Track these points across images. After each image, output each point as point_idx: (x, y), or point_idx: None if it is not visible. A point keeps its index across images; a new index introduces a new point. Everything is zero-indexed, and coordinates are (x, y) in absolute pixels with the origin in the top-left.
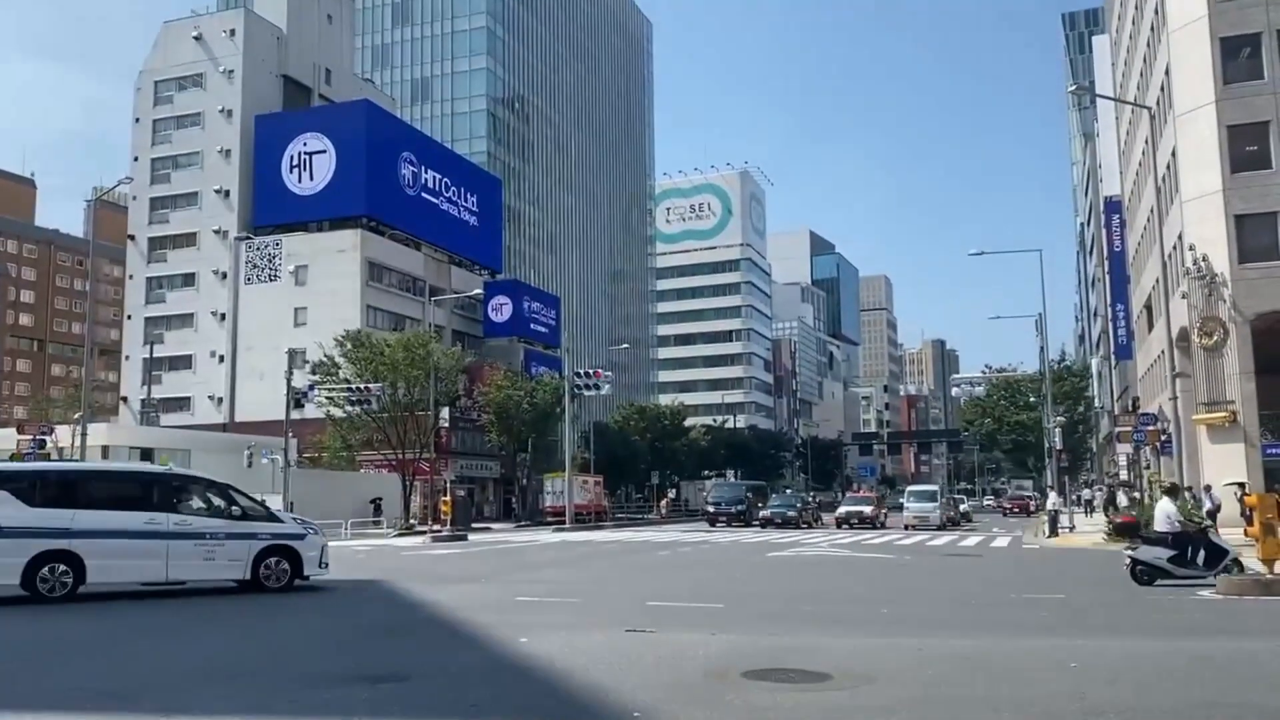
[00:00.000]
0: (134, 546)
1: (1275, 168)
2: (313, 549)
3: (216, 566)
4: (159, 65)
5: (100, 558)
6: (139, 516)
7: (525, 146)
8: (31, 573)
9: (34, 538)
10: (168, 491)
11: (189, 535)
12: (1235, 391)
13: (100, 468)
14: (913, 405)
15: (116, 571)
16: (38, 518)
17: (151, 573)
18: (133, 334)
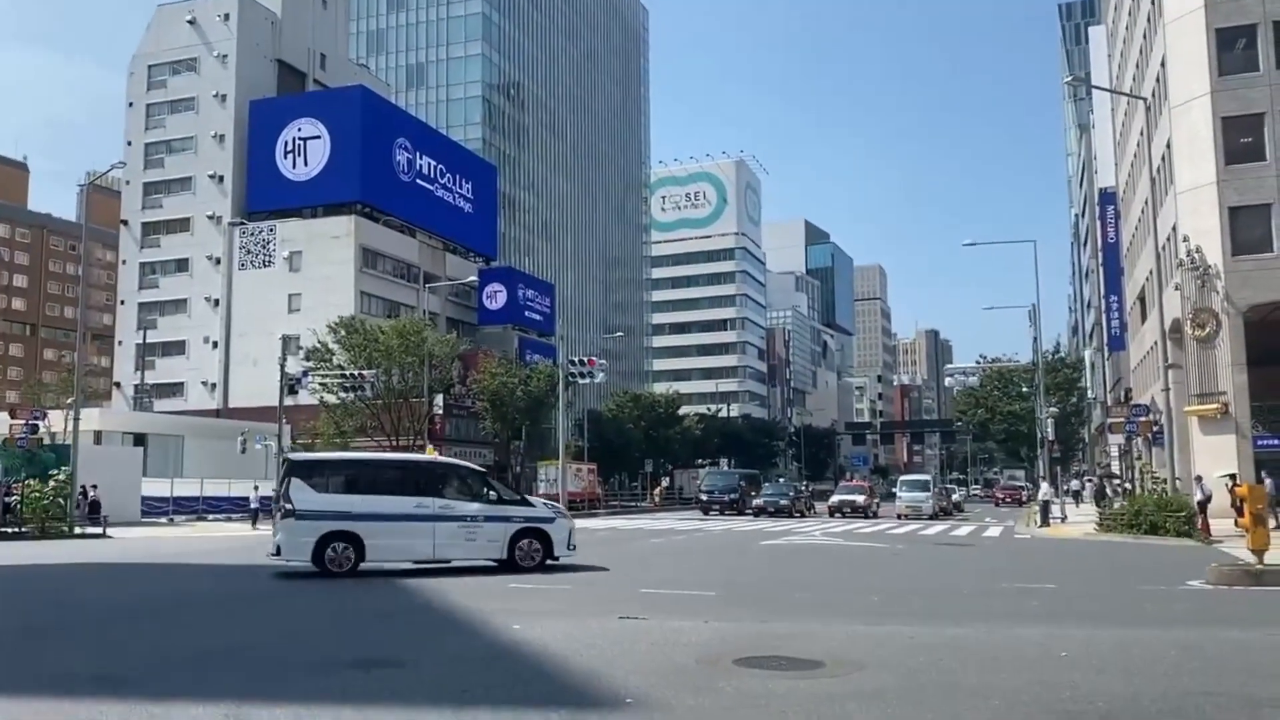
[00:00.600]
0: (406, 528)
1: (1269, 160)
2: (562, 532)
3: (477, 547)
4: (152, 49)
5: (377, 538)
6: (409, 501)
7: (521, 133)
8: (320, 550)
9: (322, 520)
10: (433, 478)
11: (453, 518)
12: (1227, 383)
13: (375, 458)
14: (906, 395)
15: (391, 550)
16: (325, 502)
17: (421, 551)
18: (126, 319)
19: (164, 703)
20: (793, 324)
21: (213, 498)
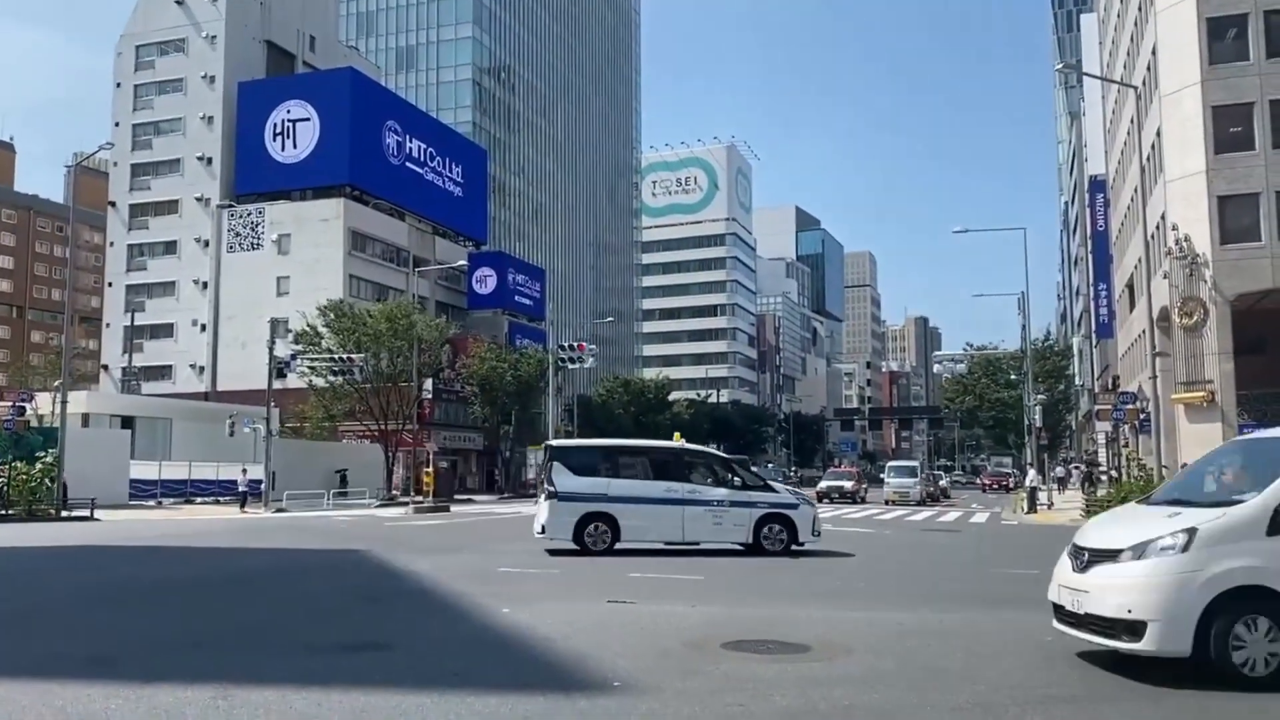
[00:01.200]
0: (657, 511)
1: (1258, 149)
2: (806, 518)
3: (724, 530)
4: (140, 29)
5: (631, 519)
6: (659, 485)
7: (511, 117)
8: (580, 530)
9: (581, 501)
10: (681, 464)
11: (700, 502)
12: (1214, 371)
13: (629, 444)
14: (895, 381)
15: (643, 531)
16: (583, 485)
17: (671, 533)
18: (114, 301)
19: (152, 684)
20: (783, 310)
21: (201, 480)
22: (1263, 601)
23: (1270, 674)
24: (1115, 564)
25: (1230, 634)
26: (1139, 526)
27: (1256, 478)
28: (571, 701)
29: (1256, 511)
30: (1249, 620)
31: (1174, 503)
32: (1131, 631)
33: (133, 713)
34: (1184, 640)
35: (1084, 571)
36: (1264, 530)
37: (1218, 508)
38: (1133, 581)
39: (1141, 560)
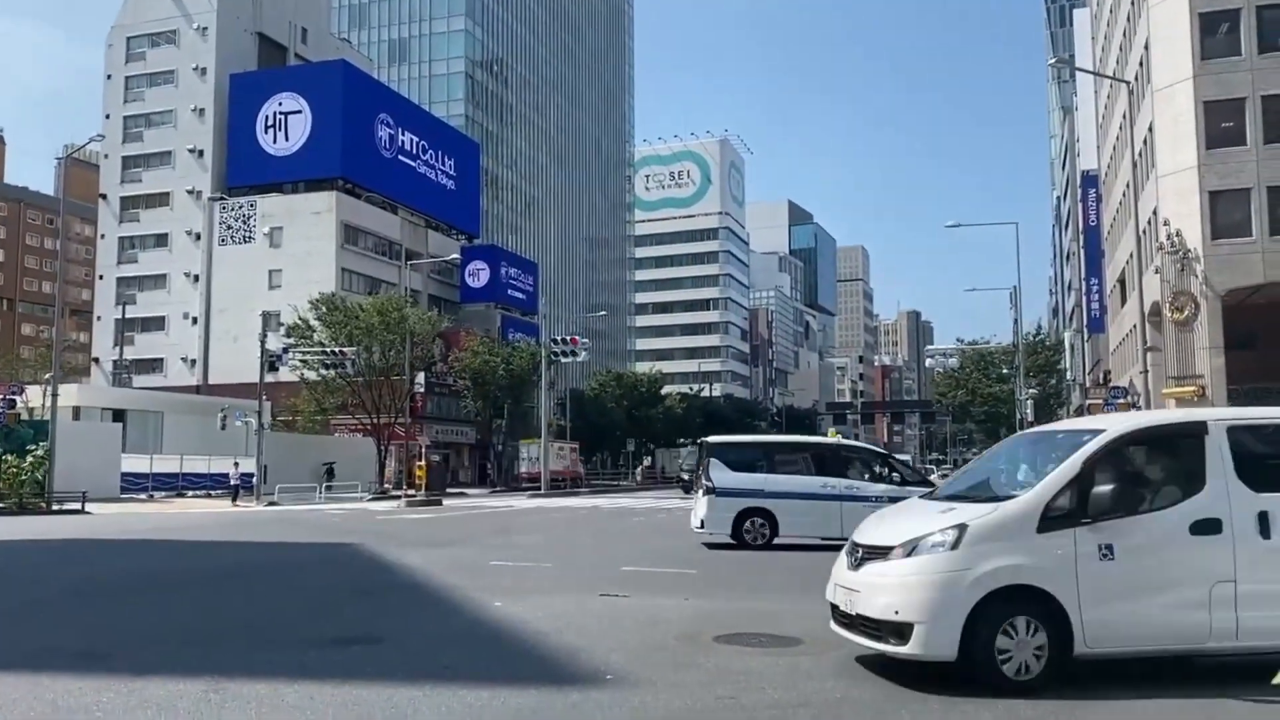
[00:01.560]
0: (814, 507)
1: (1250, 144)
2: None
3: None
4: (131, 21)
5: (789, 515)
6: (816, 481)
7: (504, 110)
8: (738, 525)
9: (739, 497)
10: (839, 459)
11: (858, 497)
12: (1204, 366)
13: (785, 440)
14: (887, 376)
15: (800, 526)
16: (741, 481)
17: (829, 529)
18: (104, 294)
19: (143, 678)
20: (775, 304)
21: (192, 474)
22: (1031, 602)
23: (1039, 675)
24: (886, 562)
25: (996, 636)
26: (914, 522)
27: (1035, 472)
28: (564, 695)
29: (1027, 507)
30: (1011, 624)
31: (954, 498)
32: (898, 634)
33: (124, 706)
34: (950, 643)
35: (857, 569)
36: (1034, 527)
37: (992, 503)
38: (901, 580)
39: (911, 558)
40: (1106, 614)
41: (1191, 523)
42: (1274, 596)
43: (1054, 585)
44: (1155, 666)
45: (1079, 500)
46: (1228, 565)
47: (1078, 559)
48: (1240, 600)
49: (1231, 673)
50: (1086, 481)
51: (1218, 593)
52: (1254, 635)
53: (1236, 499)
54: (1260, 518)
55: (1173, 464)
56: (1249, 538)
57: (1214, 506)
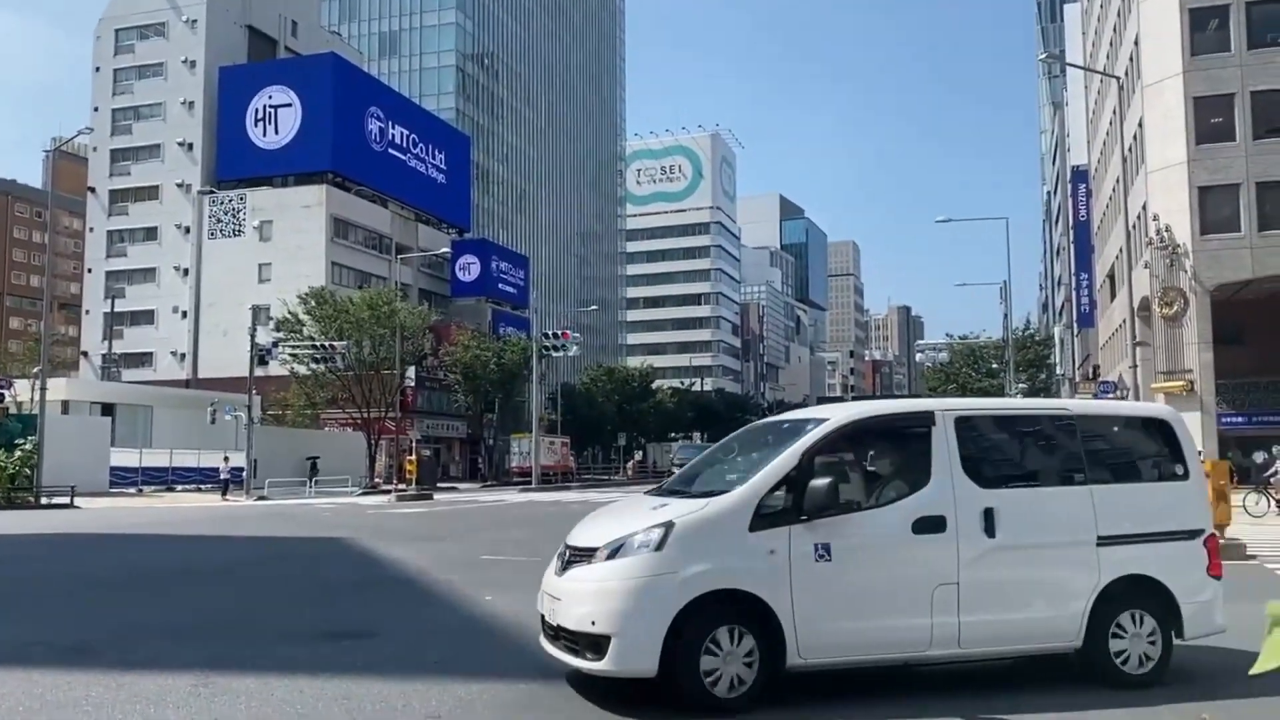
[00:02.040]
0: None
1: (1239, 140)
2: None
3: None
4: (120, 13)
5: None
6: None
7: (495, 104)
8: None
9: None
10: None
11: None
12: (1193, 360)
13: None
14: (878, 370)
15: None
16: None
17: None
18: (93, 288)
19: (132, 672)
20: (766, 299)
21: (182, 468)
22: (742, 609)
23: (748, 692)
24: (589, 565)
25: (702, 648)
26: (624, 520)
27: (758, 463)
28: (555, 688)
29: (739, 504)
30: (717, 635)
31: (674, 492)
32: (595, 648)
33: (113, 701)
34: (649, 657)
35: (563, 574)
36: (746, 525)
37: (707, 498)
38: (599, 586)
39: (614, 561)
40: (822, 622)
41: (914, 520)
42: (998, 599)
43: (766, 590)
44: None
45: (795, 496)
46: (950, 567)
47: (792, 561)
48: (963, 604)
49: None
50: (804, 475)
51: (940, 596)
52: (976, 641)
53: (962, 495)
54: (985, 515)
55: (898, 457)
56: (974, 536)
57: (938, 503)
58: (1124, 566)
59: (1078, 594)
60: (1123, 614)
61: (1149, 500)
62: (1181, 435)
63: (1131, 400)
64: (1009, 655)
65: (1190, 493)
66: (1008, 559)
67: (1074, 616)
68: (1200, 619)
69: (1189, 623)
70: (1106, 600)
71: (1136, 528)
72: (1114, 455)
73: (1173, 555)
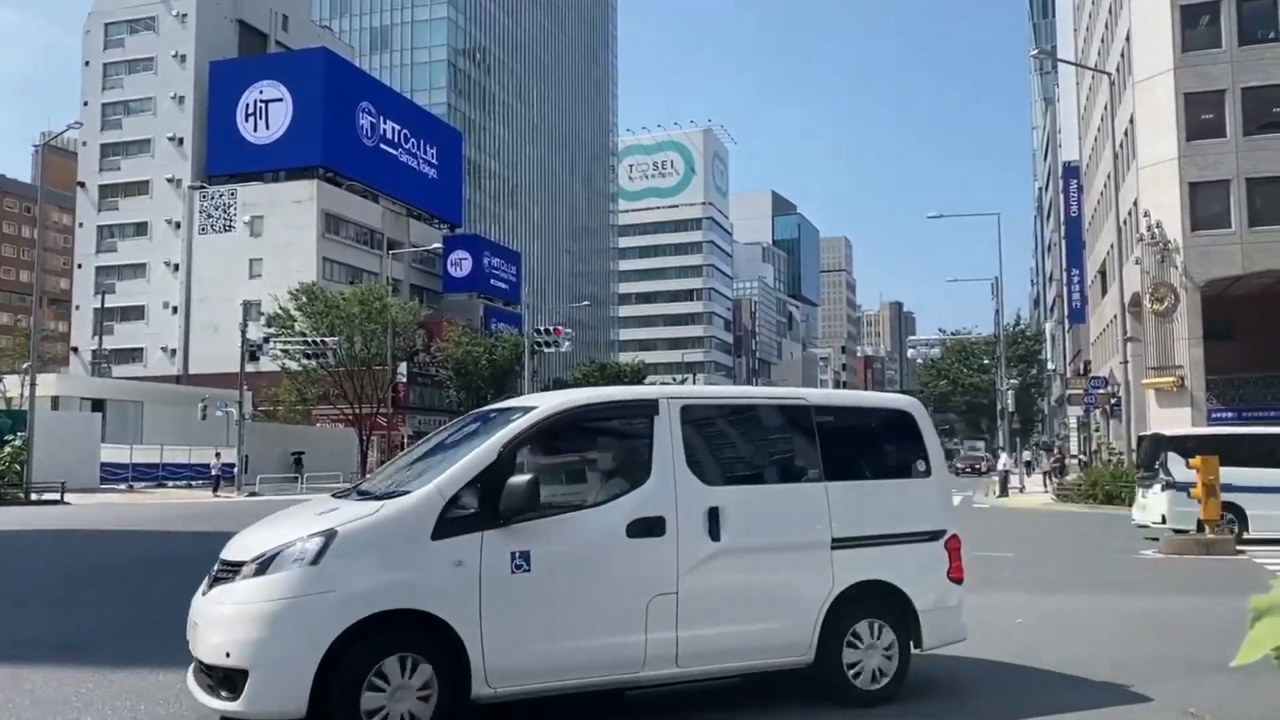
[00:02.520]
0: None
1: (1229, 136)
2: None
3: None
4: (110, 7)
5: (1260, 509)
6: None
7: (487, 99)
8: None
9: None
10: None
11: None
12: (1184, 356)
13: (1252, 432)
14: (869, 366)
15: (1275, 522)
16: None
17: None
18: (83, 283)
19: (123, 669)
20: (759, 295)
21: (173, 464)
22: (419, 633)
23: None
24: (232, 583)
25: (363, 682)
26: (289, 526)
27: (454, 458)
28: None
29: (420, 507)
30: (384, 667)
31: (363, 493)
32: (230, 685)
33: (103, 697)
34: (294, 696)
35: (208, 593)
36: (428, 532)
37: (387, 500)
38: (238, 609)
39: (261, 577)
40: (517, 643)
41: (630, 522)
42: (723, 611)
43: (449, 609)
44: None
45: (490, 496)
46: (669, 574)
47: (483, 573)
48: (682, 617)
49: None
50: (503, 472)
51: (656, 609)
52: (697, 659)
53: (685, 493)
54: (710, 515)
55: (616, 451)
56: (696, 540)
57: (658, 503)
58: (860, 571)
59: (810, 602)
60: (858, 623)
61: (889, 499)
62: (925, 429)
63: (1123, 396)
64: (734, 673)
65: (932, 491)
66: (734, 564)
67: (805, 627)
68: (940, 627)
69: (928, 631)
70: (841, 608)
71: (874, 529)
72: (853, 450)
73: (912, 558)
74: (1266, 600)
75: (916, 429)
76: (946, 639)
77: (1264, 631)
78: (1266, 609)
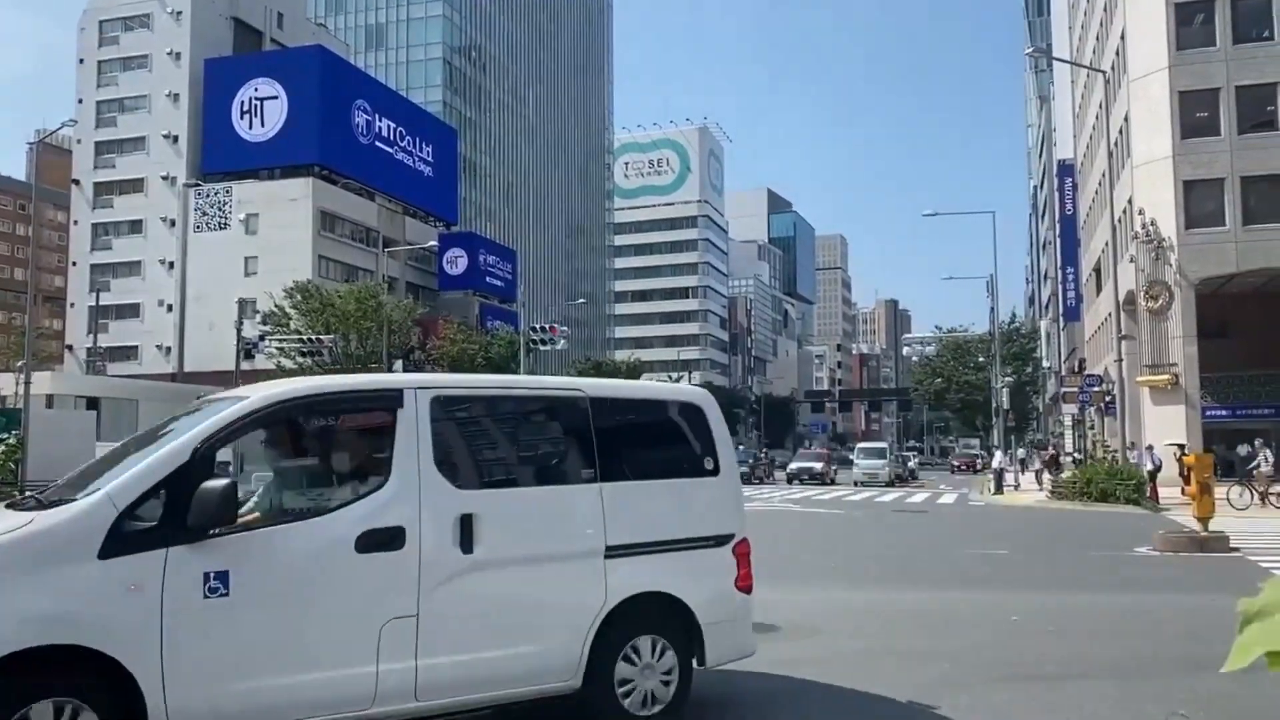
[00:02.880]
0: None
1: (1224, 135)
2: None
3: None
4: (104, 4)
5: None
6: None
7: (482, 97)
8: None
9: None
10: None
11: None
12: (1178, 354)
13: None
14: (865, 364)
15: None
16: None
17: None
18: (78, 281)
19: None
20: (754, 293)
21: None
22: (76, 672)
23: None
24: None
25: None
26: None
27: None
28: None
29: (83, 517)
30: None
31: (41, 503)
32: None
33: None
34: None
35: None
36: (95, 550)
37: (45, 510)
38: None
39: None
40: (210, 683)
41: (360, 535)
42: (475, 633)
43: (120, 644)
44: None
45: (178, 506)
46: (408, 594)
47: (166, 598)
48: (424, 644)
49: None
50: (197, 476)
51: (391, 635)
52: (442, 690)
53: (431, 499)
54: (462, 524)
55: (346, 451)
56: (443, 553)
57: (396, 510)
58: (637, 582)
59: (579, 620)
60: (635, 640)
61: (673, 501)
62: (715, 423)
63: (1117, 394)
64: (487, 704)
65: (721, 491)
66: (489, 580)
67: (573, 649)
68: (726, 641)
69: (712, 646)
70: (614, 625)
71: (655, 534)
72: (634, 447)
73: (696, 566)
74: (1255, 604)
75: (706, 424)
76: (733, 654)
77: (1253, 635)
78: (1255, 613)
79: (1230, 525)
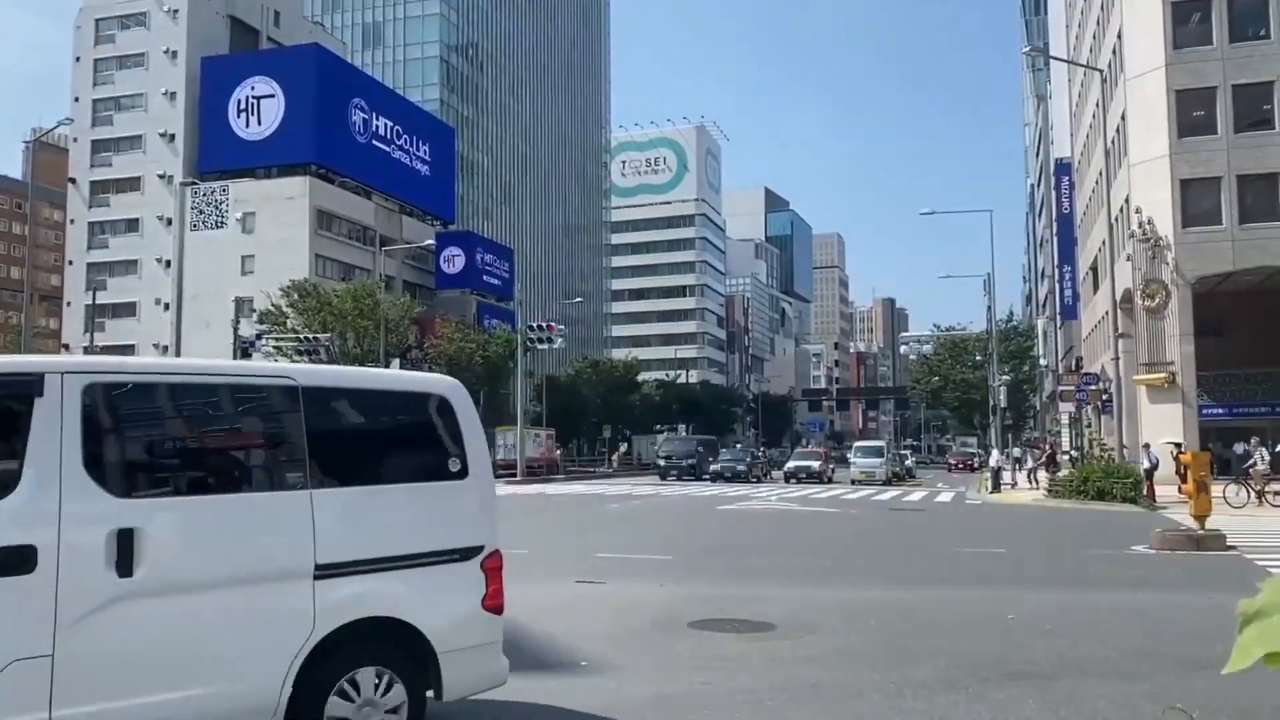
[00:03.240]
0: None
1: (1220, 133)
2: None
3: None
4: (100, 2)
5: None
6: None
7: (480, 95)
8: None
9: None
10: None
11: None
12: (1175, 353)
13: None
14: (862, 362)
15: None
16: None
17: None
18: (74, 280)
19: None
20: (752, 291)
21: None
22: None
23: None
24: None
25: None
26: None
27: None
28: (540, 682)
29: None
30: None
31: None
32: None
33: None
34: None
35: None
36: None
37: None
38: None
39: None
40: None
41: None
42: (130, 677)
43: None
44: None
45: None
46: (41, 630)
47: None
48: (60, 692)
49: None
50: None
51: (14, 681)
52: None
53: (77, 509)
54: (119, 540)
55: None
56: (91, 576)
57: (23, 524)
58: (356, 607)
59: (279, 652)
60: (353, 673)
61: (406, 509)
62: (464, 418)
63: (1114, 392)
64: None
65: (469, 497)
66: (156, 609)
67: (269, 687)
68: (469, 670)
69: (452, 677)
70: (325, 658)
71: (381, 549)
72: (358, 445)
73: (435, 585)
74: (1254, 604)
75: (453, 418)
76: (478, 685)
77: (1253, 636)
78: (1254, 613)
79: (1227, 523)
